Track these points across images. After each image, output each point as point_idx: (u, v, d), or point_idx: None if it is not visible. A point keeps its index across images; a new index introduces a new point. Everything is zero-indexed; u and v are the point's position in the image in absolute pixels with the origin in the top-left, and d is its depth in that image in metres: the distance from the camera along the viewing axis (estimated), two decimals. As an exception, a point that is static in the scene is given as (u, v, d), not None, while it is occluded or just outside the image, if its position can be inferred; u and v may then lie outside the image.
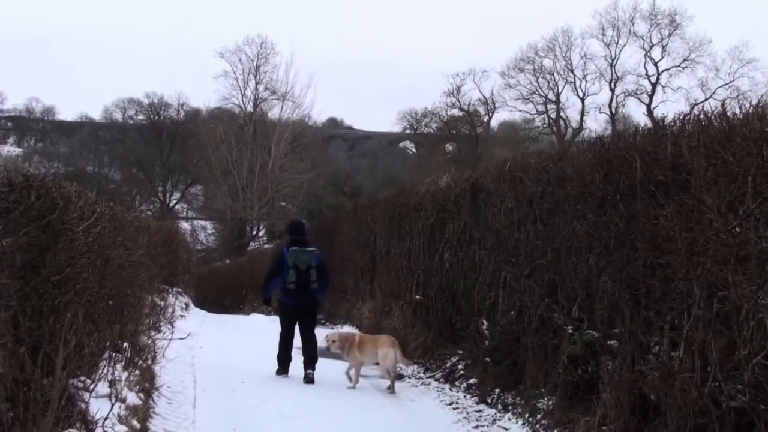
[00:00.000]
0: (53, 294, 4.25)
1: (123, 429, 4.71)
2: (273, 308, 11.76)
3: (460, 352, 7.90)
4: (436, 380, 7.83)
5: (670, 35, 42.84)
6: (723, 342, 3.77)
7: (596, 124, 46.95)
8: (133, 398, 5.43)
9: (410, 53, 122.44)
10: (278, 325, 8.34)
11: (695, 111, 4.68)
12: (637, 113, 44.95)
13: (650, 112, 42.28)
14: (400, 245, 10.65)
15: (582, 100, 46.55)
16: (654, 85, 44.03)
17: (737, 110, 4.22)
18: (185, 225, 43.18)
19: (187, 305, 15.37)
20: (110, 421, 4.51)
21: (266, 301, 8.92)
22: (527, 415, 5.76)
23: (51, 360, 4.04)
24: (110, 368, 5.35)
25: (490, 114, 49.55)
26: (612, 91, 45.48)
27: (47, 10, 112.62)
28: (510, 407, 6.15)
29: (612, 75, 45.14)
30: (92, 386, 4.74)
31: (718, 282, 3.81)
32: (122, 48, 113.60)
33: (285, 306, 8.22)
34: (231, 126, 39.24)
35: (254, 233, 40.45)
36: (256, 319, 14.78)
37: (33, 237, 4.08)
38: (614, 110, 45.70)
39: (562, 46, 46.12)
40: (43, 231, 4.21)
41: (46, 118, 73.98)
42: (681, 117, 4.73)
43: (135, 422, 5.04)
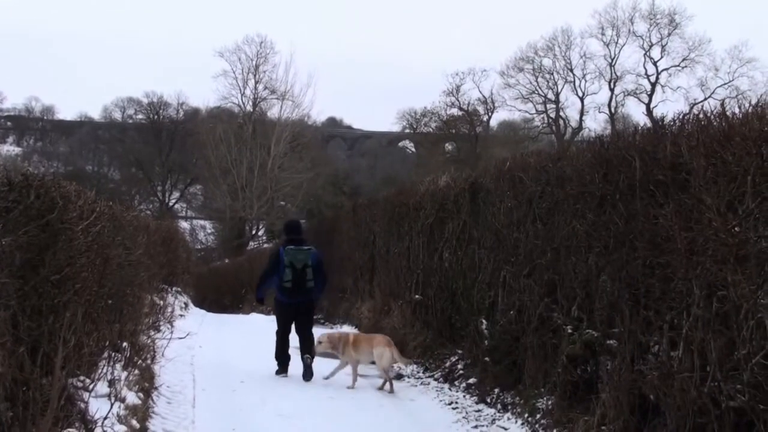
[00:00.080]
0: (52, 293, 4.25)
1: (122, 428, 4.71)
2: (272, 308, 11.76)
3: (460, 352, 7.90)
4: (436, 380, 7.83)
5: (670, 35, 42.96)
6: (722, 342, 3.77)
7: (596, 124, 47.06)
8: (133, 398, 5.43)
9: (410, 53, 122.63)
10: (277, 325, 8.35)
11: (694, 110, 4.66)
12: (637, 113, 45.08)
13: (649, 112, 42.33)
14: (400, 245, 10.65)
15: (581, 100, 46.68)
16: (653, 85, 44.12)
17: (736, 110, 4.22)
18: (184, 224, 43.11)
19: (187, 305, 15.36)
20: (109, 421, 4.51)
21: (259, 300, 8.98)
22: (526, 415, 5.76)
23: (50, 359, 4.03)
24: (109, 368, 5.35)
25: (490, 113, 49.69)
26: (611, 91, 45.59)
27: (47, 10, 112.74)
28: (509, 407, 6.15)
29: (611, 74, 45.24)
30: (91, 386, 4.74)
31: (718, 281, 3.81)
32: (122, 48, 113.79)
33: (281, 304, 8.25)
34: (230, 125, 39.22)
35: (253, 233, 40.41)
36: (256, 319, 14.76)
37: (32, 236, 4.08)
38: (613, 110, 45.78)
39: (562, 46, 46.23)
40: (43, 230, 4.21)
41: (46, 118, 74.02)
42: (680, 116, 4.73)
43: (134, 422, 5.04)
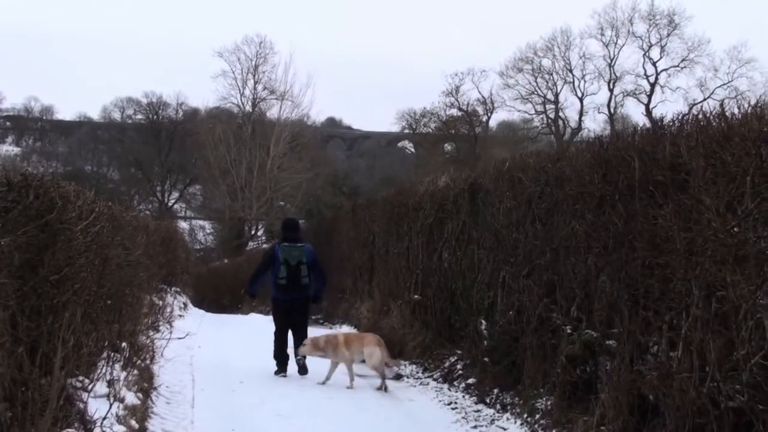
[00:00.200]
0: (51, 293, 4.25)
1: (121, 429, 4.70)
2: (269, 307, 11.81)
3: (459, 352, 7.90)
4: (435, 380, 7.83)
5: (669, 35, 42.95)
6: (721, 342, 3.77)
7: (595, 124, 47.05)
8: (132, 398, 5.42)
9: (410, 53, 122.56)
10: (277, 325, 8.40)
11: (694, 111, 4.67)
12: (636, 113, 45.09)
13: (649, 112, 42.34)
14: (399, 245, 10.65)
15: (581, 100, 46.67)
16: (653, 85, 44.11)
17: (736, 110, 4.23)
18: (184, 224, 43.08)
19: (186, 305, 15.36)
20: (108, 421, 4.50)
21: (251, 295, 9.01)
22: (526, 415, 5.76)
23: (49, 360, 4.03)
24: (109, 368, 5.35)
25: (489, 114, 49.68)
26: (611, 91, 45.59)
27: (47, 10, 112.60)
28: (508, 407, 6.15)
29: (611, 75, 45.22)
30: (90, 386, 4.74)
31: (717, 282, 3.81)
32: (122, 48, 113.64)
33: (277, 302, 8.33)
34: (230, 125, 39.16)
35: (253, 233, 40.38)
36: (255, 319, 14.76)
37: (31, 236, 4.07)
38: (613, 110, 45.77)
39: (561, 46, 46.21)
40: (42, 230, 4.21)
41: (45, 118, 73.97)
42: (679, 117, 4.73)
43: (133, 422, 5.04)
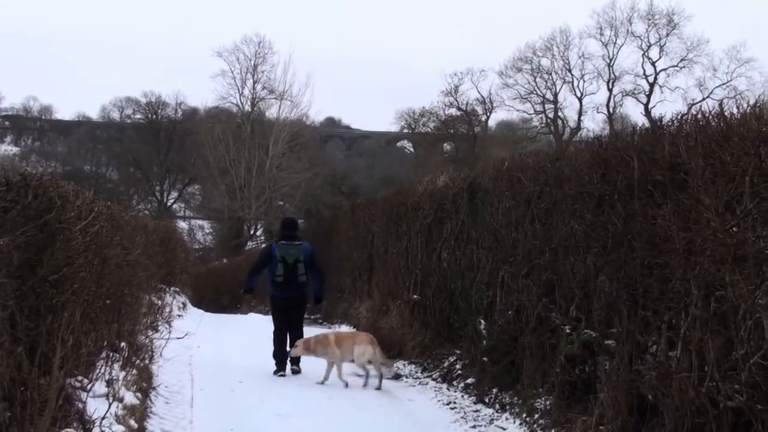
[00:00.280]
0: (50, 293, 4.25)
1: (120, 429, 4.70)
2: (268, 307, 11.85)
3: (458, 352, 7.90)
4: (434, 380, 7.83)
5: (668, 35, 42.95)
6: (720, 342, 3.78)
7: (594, 124, 47.00)
8: (131, 398, 5.42)
9: (410, 53, 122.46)
10: (275, 325, 8.40)
11: (693, 111, 4.67)
12: (635, 113, 45.09)
13: (648, 112, 42.34)
14: (398, 245, 10.65)
15: (580, 100, 46.66)
16: (652, 85, 44.13)
17: (735, 110, 4.23)
18: (183, 224, 43.12)
19: (185, 305, 15.35)
20: (107, 421, 4.51)
21: (249, 290, 8.98)
22: (525, 415, 5.76)
23: (48, 359, 4.03)
24: (107, 368, 5.35)
25: (488, 113, 49.70)
26: (610, 91, 45.59)
27: (47, 10, 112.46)
28: (507, 407, 6.15)
29: (610, 75, 45.21)
30: (89, 386, 4.74)
31: (716, 282, 3.81)
32: (122, 48, 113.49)
33: (274, 299, 8.37)
34: (229, 125, 39.15)
35: (252, 233, 40.39)
36: (254, 319, 14.76)
37: (30, 236, 4.07)
38: (612, 110, 45.77)
39: (560, 46, 46.20)
40: (41, 230, 4.21)
41: (44, 117, 73.91)
42: (679, 117, 4.74)
43: (132, 422, 5.04)
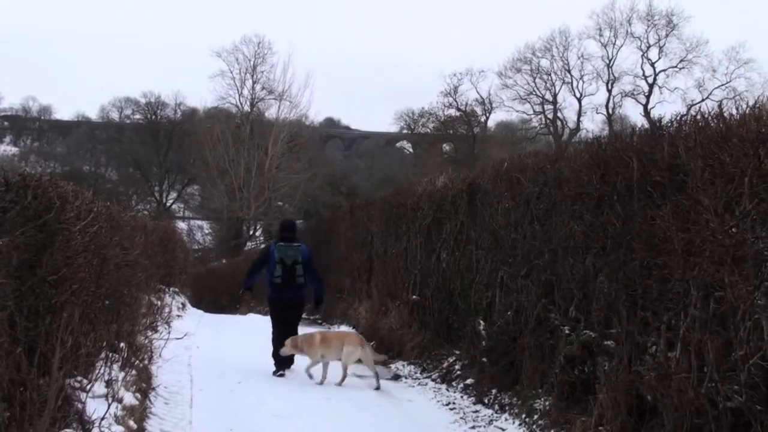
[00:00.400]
0: (50, 294, 4.25)
1: (120, 429, 4.70)
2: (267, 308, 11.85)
3: (457, 353, 7.90)
4: (433, 380, 7.83)
5: (667, 36, 42.88)
6: (719, 342, 3.78)
7: (593, 125, 46.94)
8: (130, 398, 5.42)
9: (410, 53, 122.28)
10: (275, 326, 8.39)
11: (692, 112, 4.68)
12: (634, 114, 45.04)
13: (647, 113, 42.28)
14: (397, 245, 10.65)
15: (579, 101, 46.59)
16: (651, 86, 44.07)
17: (734, 111, 4.24)
18: (182, 225, 43.06)
19: (184, 305, 15.34)
20: (107, 422, 4.50)
21: (248, 289, 9.00)
22: (524, 416, 5.76)
23: (47, 360, 4.03)
24: (107, 368, 5.35)
25: (487, 114, 49.66)
26: (609, 92, 45.52)
27: (47, 10, 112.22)
28: (507, 407, 6.16)
29: (609, 75, 45.15)
30: (89, 386, 4.74)
31: (715, 282, 3.82)
32: (122, 48, 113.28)
33: (272, 300, 8.40)
34: (228, 126, 39.14)
35: (251, 233, 40.38)
36: (253, 319, 14.75)
37: (29, 236, 4.07)
38: (611, 111, 45.70)
39: (560, 47, 46.12)
40: (40, 230, 4.20)
41: (43, 118, 73.83)
42: (678, 118, 4.76)
43: (132, 422, 5.04)
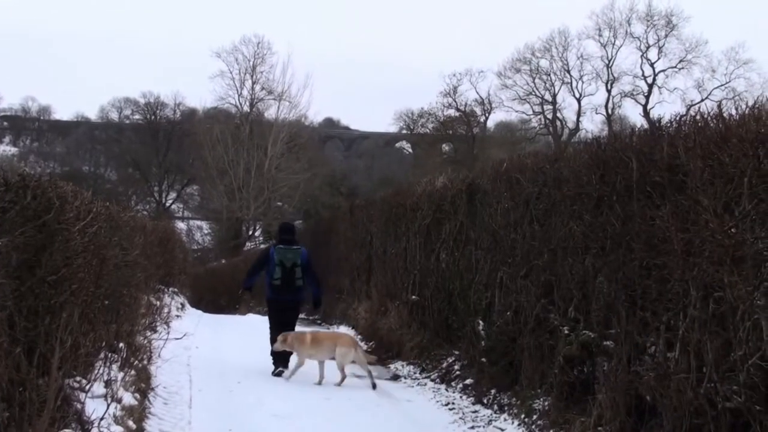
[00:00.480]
0: (49, 294, 4.25)
1: (119, 429, 4.70)
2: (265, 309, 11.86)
3: (456, 353, 7.90)
4: (432, 381, 7.83)
5: (667, 36, 42.89)
6: (719, 343, 3.78)
7: (593, 125, 46.91)
8: (129, 398, 5.42)
9: (410, 53, 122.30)
10: (274, 326, 8.41)
11: (691, 112, 4.69)
12: (634, 114, 45.02)
13: (646, 113, 42.28)
14: (397, 245, 10.66)
15: (578, 101, 46.60)
16: (650, 86, 44.08)
17: (733, 111, 4.24)
18: (181, 225, 42.98)
19: (183, 305, 15.33)
20: (106, 422, 4.50)
21: (247, 289, 9.02)
22: (523, 416, 5.77)
23: (47, 360, 4.03)
24: (106, 368, 5.35)
25: (487, 114, 49.69)
26: (608, 92, 45.52)
27: (47, 10, 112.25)
28: (506, 408, 6.16)
29: (608, 76, 45.15)
30: (88, 386, 4.74)
31: (714, 283, 3.82)
32: (121, 48, 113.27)
33: (270, 302, 8.45)
34: (227, 126, 39.14)
35: (250, 233, 40.38)
36: (252, 320, 14.73)
37: (29, 237, 4.07)
38: (611, 111, 45.70)
39: (559, 47, 46.12)
40: (39, 231, 4.20)
41: (42, 118, 73.82)
42: (677, 118, 4.76)
43: (131, 423, 5.04)
